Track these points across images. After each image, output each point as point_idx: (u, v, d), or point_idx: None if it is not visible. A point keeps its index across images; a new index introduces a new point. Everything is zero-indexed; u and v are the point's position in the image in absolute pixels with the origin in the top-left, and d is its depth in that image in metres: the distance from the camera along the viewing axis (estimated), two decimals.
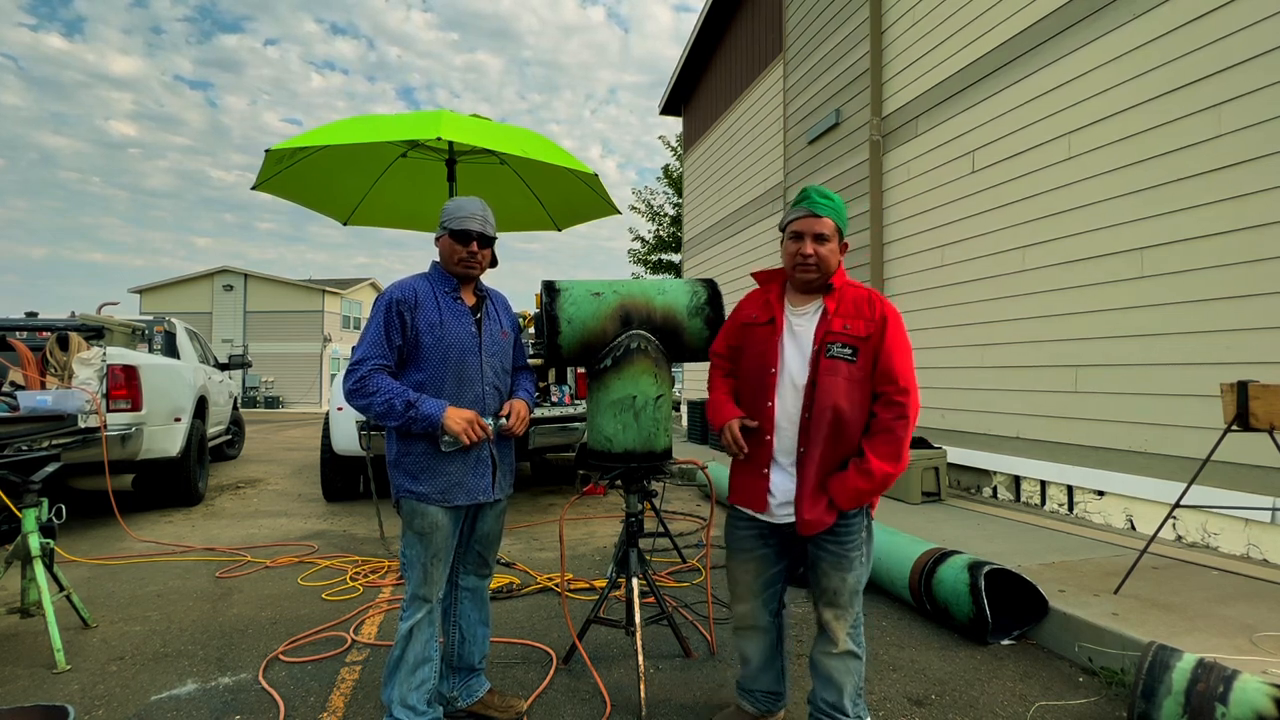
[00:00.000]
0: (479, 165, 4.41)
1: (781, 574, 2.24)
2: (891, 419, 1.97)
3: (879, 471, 1.95)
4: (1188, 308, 4.26)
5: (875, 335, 2.00)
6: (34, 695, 2.68)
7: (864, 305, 2.05)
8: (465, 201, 2.30)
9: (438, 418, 2.15)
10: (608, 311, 2.55)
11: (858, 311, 2.04)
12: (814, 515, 2.02)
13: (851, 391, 1.99)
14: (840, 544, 2.06)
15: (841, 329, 2.01)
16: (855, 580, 2.08)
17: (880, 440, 1.97)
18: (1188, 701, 2.14)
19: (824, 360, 2.00)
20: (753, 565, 2.21)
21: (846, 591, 2.07)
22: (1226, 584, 3.45)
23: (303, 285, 33.02)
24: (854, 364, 1.99)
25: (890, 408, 1.97)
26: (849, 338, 2.00)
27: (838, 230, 2.05)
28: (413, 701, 2.22)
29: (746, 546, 2.21)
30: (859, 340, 2.00)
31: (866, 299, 2.06)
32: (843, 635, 2.08)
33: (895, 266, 7.05)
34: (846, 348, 2.00)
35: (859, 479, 1.96)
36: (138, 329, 6.62)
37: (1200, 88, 4.18)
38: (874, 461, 1.96)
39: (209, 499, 6.87)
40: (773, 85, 10.00)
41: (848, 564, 2.06)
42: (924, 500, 5.64)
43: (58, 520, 3.31)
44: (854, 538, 2.06)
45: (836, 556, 2.06)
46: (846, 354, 2.00)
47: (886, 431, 1.97)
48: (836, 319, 2.03)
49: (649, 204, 21.07)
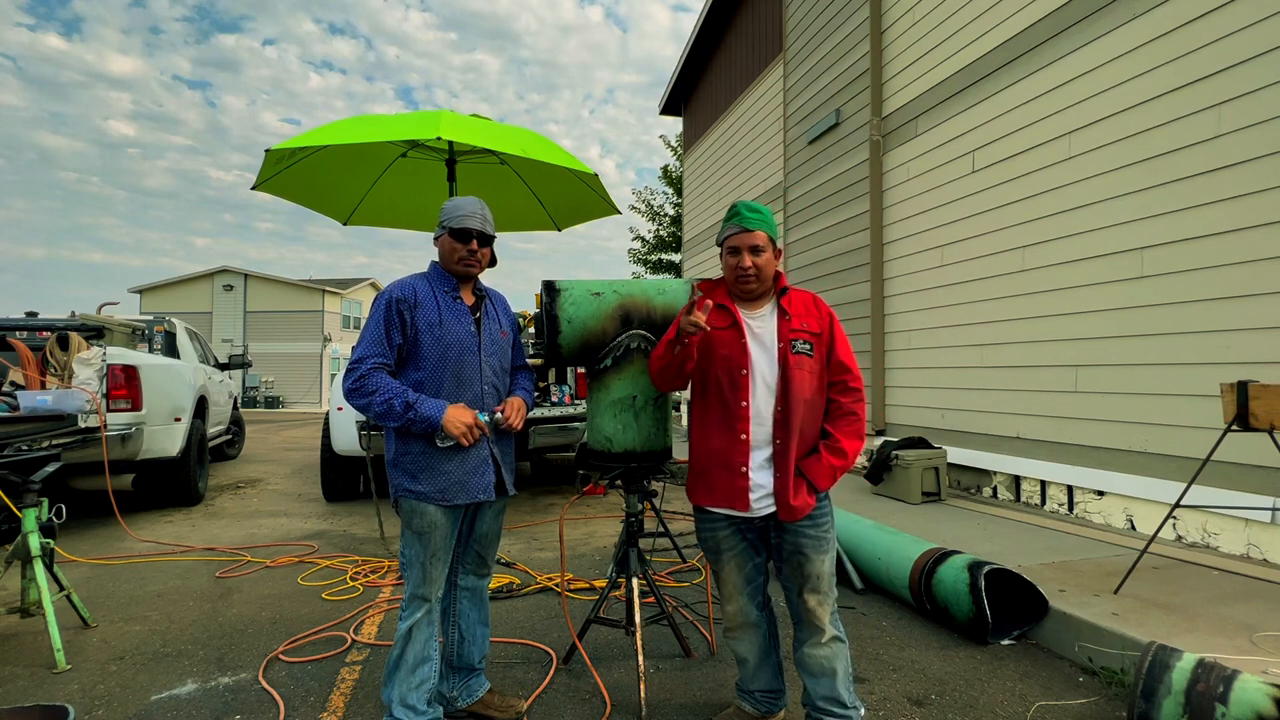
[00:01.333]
0: (479, 165, 4.41)
1: (763, 566, 2.32)
2: (851, 403, 2.20)
3: (850, 449, 2.17)
4: (1188, 308, 4.26)
5: (826, 331, 2.21)
6: (34, 695, 2.68)
7: (811, 305, 2.26)
8: (463, 201, 2.32)
9: (437, 419, 2.15)
10: (608, 311, 2.55)
11: (807, 311, 2.23)
12: (799, 501, 2.14)
13: (812, 383, 2.17)
14: (818, 526, 2.18)
15: (801, 327, 2.19)
16: (831, 563, 2.21)
17: (844, 422, 2.19)
18: (1188, 701, 2.14)
19: (791, 356, 2.16)
20: (734, 561, 2.28)
21: (826, 574, 2.19)
22: (1226, 584, 3.45)
23: (303, 285, 33.02)
24: (812, 358, 2.18)
25: (848, 393, 2.20)
26: (807, 334, 2.18)
27: (770, 240, 2.20)
28: (413, 701, 2.22)
29: (727, 545, 2.27)
30: (814, 336, 2.19)
31: (812, 300, 2.27)
32: (826, 619, 2.18)
33: (895, 266, 7.05)
34: (806, 344, 2.17)
35: (833, 457, 2.15)
36: (138, 329, 6.62)
37: (1200, 87, 4.18)
38: (844, 441, 2.17)
39: (209, 499, 6.87)
40: (773, 85, 10.00)
41: (826, 544, 2.19)
42: (924, 500, 5.64)
43: (58, 520, 3.31)
44: (827, 519, 2.20)
45: (815, 540, 2.17)
46: (807, 349, 2.17)
47: (850, 414, 2.19)
48: (795, 318, 2.20)
49: (649, 204, 21.05)
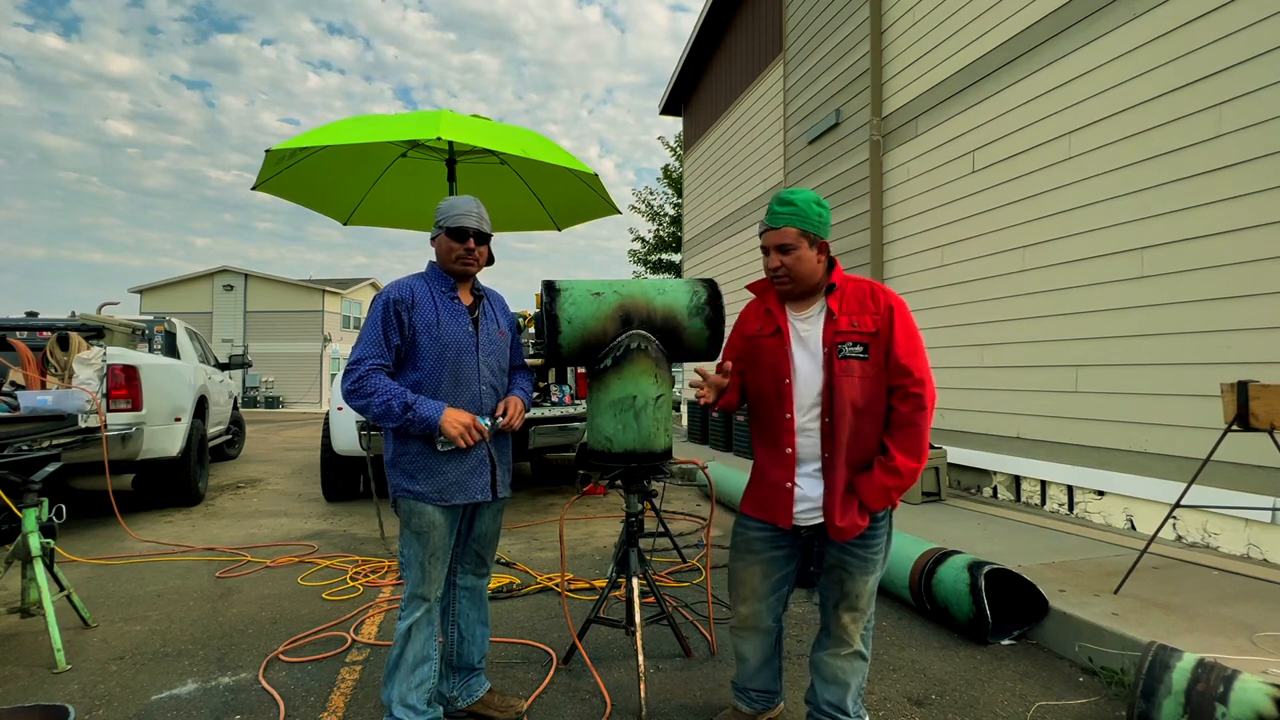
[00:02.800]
0: (479, 165, 4.41)
1: (790, 576, 2.18)
2: (910, 411, 1.92)
3: (905, 467, 1.91)
4: (1188, 308, 4.26)
5: (884, 329, 1.94)
6: (34, 695, 2.68)
7: (867, 299, 1.98)
8: (459, 200, 2.31)
9: (435, 420, 2.15)
10: (608, 311, 2.55)
11: (862, 307, 1.98)
12: (847, 522, 1.96)
13: (867, 389, 1.94)
14: (867, 548, 2.02)
15: (850, 327, 1.96)
16: (875, 582, 2.05)
17: (902, 435, 1.93)
18: (1188, 701, 2.14)
19: (837, 362, 1.95)
20: (761, 568, 2.15)
21: (867, 594, 2.04)
22: (1226, 584, 3.45)
23: (303, 285, 33.01)
24: (867, 361, 1.94)
25: (908, 400, 1.92)
26: (858, 335, 1.95)
27: (802, 234, 1.96)
28: (413, 701, 2.22)
29: (757, 549, 2.15)
30: (868, 336, 1.95)
31: (869, 292, 2.00)
32: (855, 635, 2.06)
33: (895, 266, 7.05)
34: (857, 345, 1.94)
35: (886, 476, 1.92)
36: (138, 329, 6.62)
37: (1200, 87, 4.17)
38: (899, 458, 1.92)
39: (209, 499, 6.87)
40: (773, 85, 10.00)
41: (872, 567, 2.03)
42: (924, 500, 5.64)
43: (58, 520, 3.31)
44: (879, 540, 2.03)
45: (863, 560, 2.02)
46: (858, 352, 1.94)
47: (908, 425, 1.92)
48: (843, 318, 1.97)
49: (649, 204, 21.06)
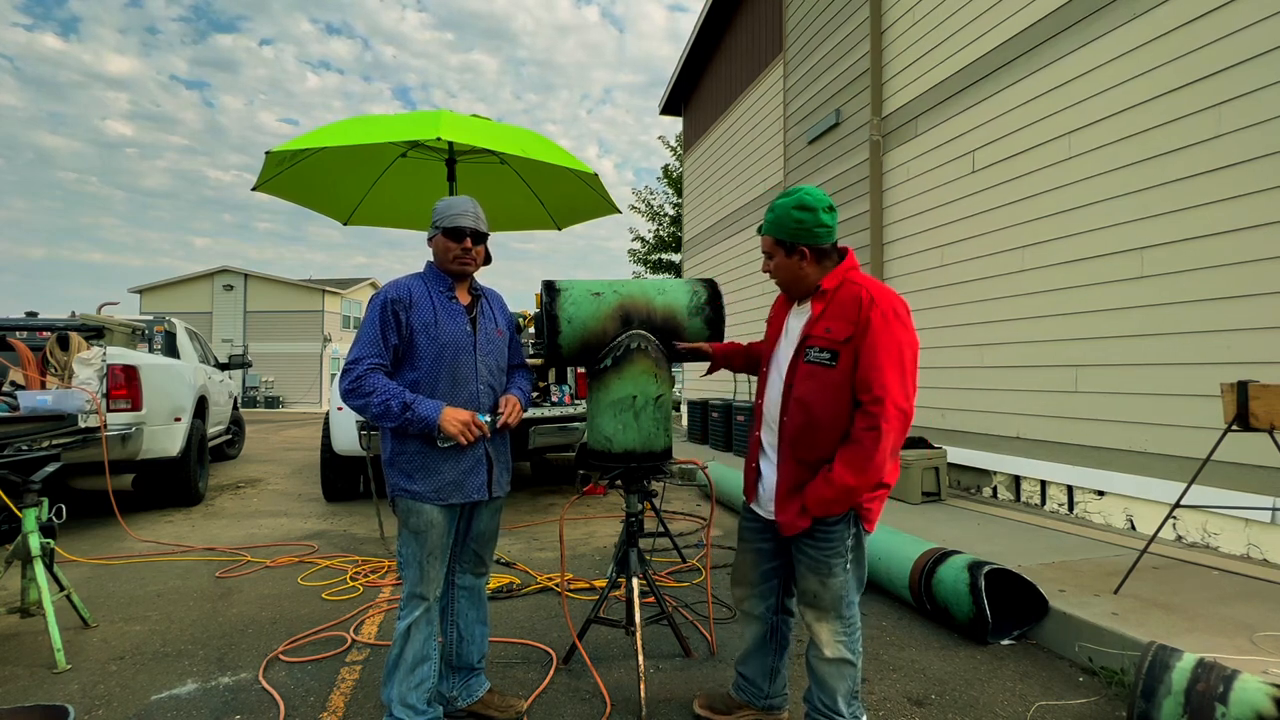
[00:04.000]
0: (479, 165, 4.41)
1: (778, 570, 2.24)
2: (862, 428, 1.85)
3: (839, 481, 1.86)
4: (1188, 308, 4.26)
5: (856, 338, 1.88)
6: (34, 695, 2.68)
7: (851, 305, 1.92)
8: (455, 200, 2.32)
9: (434, 419, 2.15)
10: (608, 311, 2.55)
11: (843, 314, 1.92)
12: (786, 518, 2.03)
13: (827, 396, 1.91)
14: (818, 549, 2.00)
15: (823, 332, 1.93)
16: (839, 586, 2.01)
17: (848, 449, 1.88)
18: (1188, 701, 2.14)
19: (801, 365, 1.97)
20: (751, 556, 2.27)
21: (827, 596, 2.01)
22: (1226, 584, 3.45)
23: (302, 285, 33.00)
24: (833, 369, 1.90)
25: (864, 416, 1.86)
26: (828, 341, 1.92)
27: (776, 242, 2.00)
28: (412, 700, 2.22)
29: (747, 538, 2.28)
30: (838, 344, 1.90)
31: (855, 298, 1.92)
32: (828, 639, 2.03)
33: (895, 266, 7.05)
34: (825, 352, 1.92)
35: (824, 487, 1.90)
36: (138, 329, 6.62)
37: (1200, 87, 4.17)
38: (837, 470, 1.87)
39: (209, 499, 6.87)
40: (773, 85, 10.00)
41: (826, 569, 1.99)
42: (924, 500, 5.64)
43: (58, 520, 3.31)
44: (834, 545, 1.98)
45: (814, 560, 2.01)
46: (824, 359, 1.91)
47: (854, 442, 1.87)
48: (821, 322, 1.95)
49: (648, 204, 21.05)
